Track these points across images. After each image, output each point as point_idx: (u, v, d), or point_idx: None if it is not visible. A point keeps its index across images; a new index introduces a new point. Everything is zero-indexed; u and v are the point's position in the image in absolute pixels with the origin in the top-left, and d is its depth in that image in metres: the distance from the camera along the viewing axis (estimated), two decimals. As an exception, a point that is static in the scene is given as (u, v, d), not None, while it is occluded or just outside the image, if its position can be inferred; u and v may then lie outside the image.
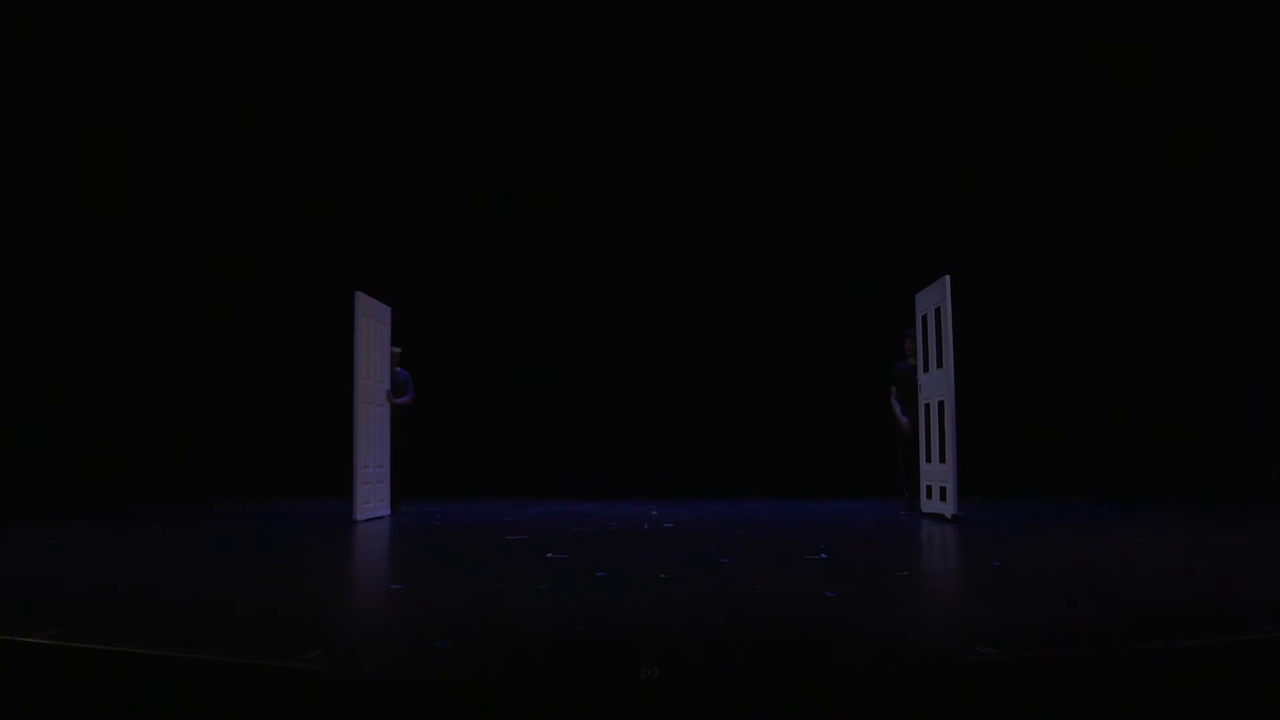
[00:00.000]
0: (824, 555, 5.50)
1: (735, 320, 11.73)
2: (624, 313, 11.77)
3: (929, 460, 8.49)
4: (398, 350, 9.12)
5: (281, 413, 11.51)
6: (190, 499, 10.28)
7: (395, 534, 7.23)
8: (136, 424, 11.39)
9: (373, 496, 8.51)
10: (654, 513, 8.86)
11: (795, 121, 11.61)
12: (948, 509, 7.88)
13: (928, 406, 8.46)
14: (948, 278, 7.98)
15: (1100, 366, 11.58)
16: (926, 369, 8.47)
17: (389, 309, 8.92)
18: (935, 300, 8.18)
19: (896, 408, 8.95)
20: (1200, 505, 9.29)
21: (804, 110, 11.61)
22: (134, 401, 11.41)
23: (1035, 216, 11.58)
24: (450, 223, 11.79)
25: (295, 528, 7.56)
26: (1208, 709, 2.81)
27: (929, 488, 8.51)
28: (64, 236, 11.26)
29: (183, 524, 7.79)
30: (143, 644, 3.03)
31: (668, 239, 11.73)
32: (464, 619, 3.71)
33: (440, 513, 8.94)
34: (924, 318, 8.54)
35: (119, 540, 6.68)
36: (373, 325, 8.53)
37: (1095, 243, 11.60)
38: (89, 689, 2.88)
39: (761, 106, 11.69)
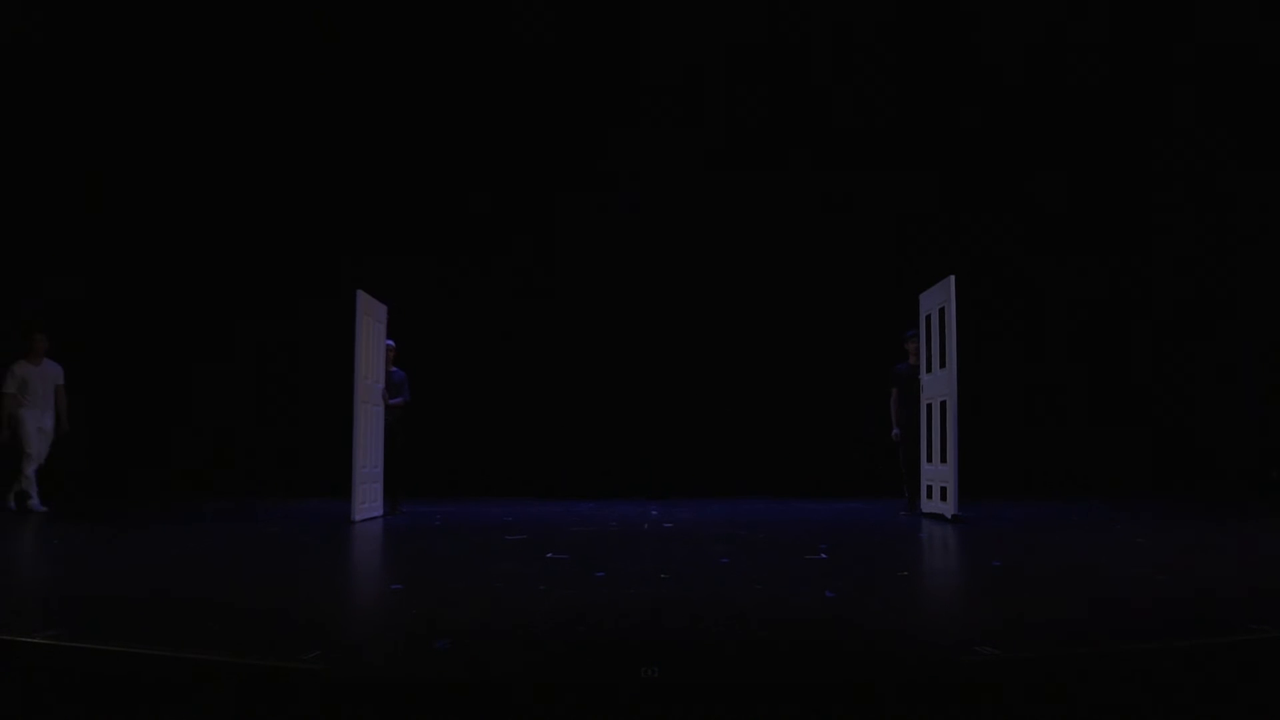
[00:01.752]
0: (824, 555, 5.50)
1: (735, 320, 11.71)
2: (625, 312, 11.75)
3: (930, 460, 8.48)
4: (392, 346, 9.07)
5: (279, 412, 11.49)
6: (188, 499, 10.28)
7: (395, 534, 7.22)
8: (136, 424, 11.38)
9: (371, 496, 8.50)
10: (654, 513, 8.85)
11: (805, 122, 11.64)
12: (948, 509, 7.88)
13: (929, 406, 8.46)
14: (952, 278, 7.97)
15: (1100, 367, 11.58)
16: (929, 369, 8.46)
17: (385, 307, 8.90)
18: (939, 300, 8.17)
19: (894, 411, 8.93)
20: (1200, 505, 9.29)
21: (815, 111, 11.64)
22: (133, 401, 11.39)
23: (1035, 216, 11.60)
24: (449, 220, 11.78)
25: (294, 528, 7.55)
26: (1208, 709, 2.81)
27: (929, 487, 8.50)
28: (63, 233, 11.25)
29: (181, 524, 7.79)
30: (143, 644, 3.03)
31: (667, 238, 11.72)
32: (464, 619, 3.71)
33: (440, 513, 8.93)
34: (928, 318, 8.54)
35: (118, 540, 6.68)
36: (372, 324, 8.51)
37: (1095, 240, 11.60)
38: (89, 689, 2.88)
39: (768, 105, 11.72)
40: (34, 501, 8.83)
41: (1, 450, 8.93)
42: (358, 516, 8.00)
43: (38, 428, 8.91)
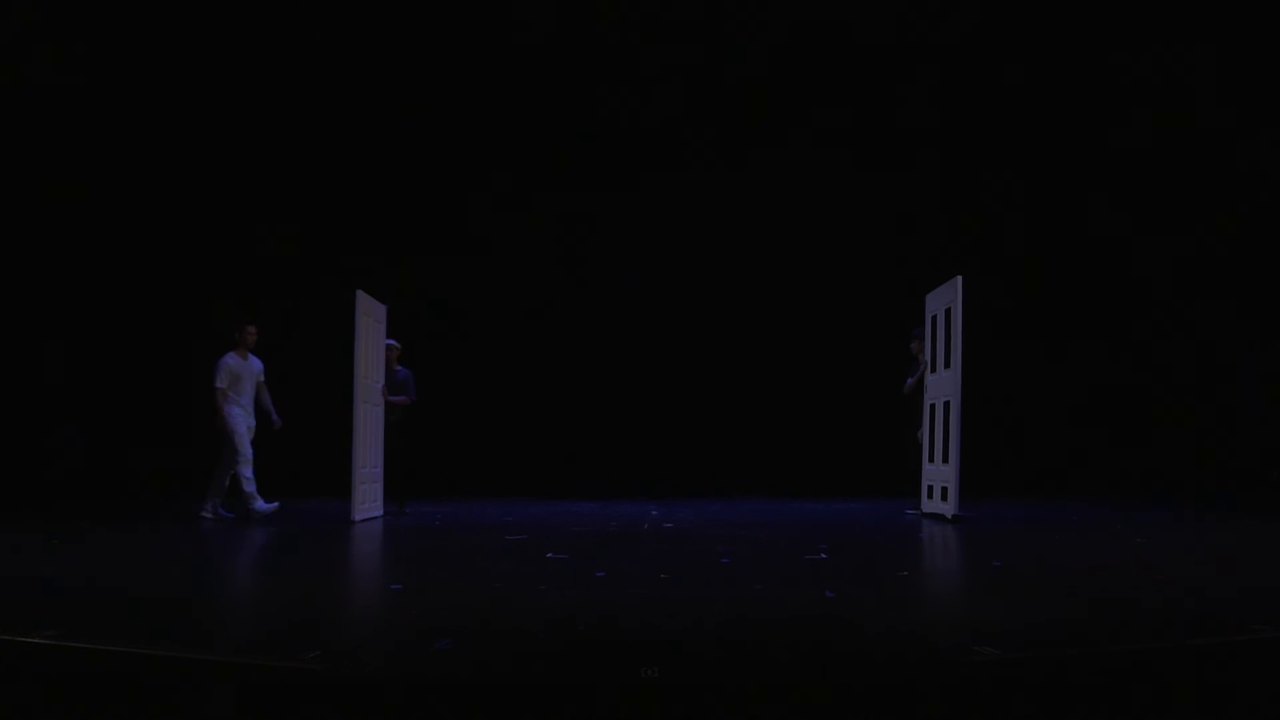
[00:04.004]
0: (824, 555, 5.50)
1: (736, 320, 11.72)
2: (625, 312, 11.76)
3: (931, 460, 8.48)
4: (398, 347, 9.08)
5: (279, 412, 11.47)
6: (188, 499, 10.27)
7: (395, 534, 7.22)
8: (135, 423, 11.37)
9: (371, 496, 8.50)
10: (654, 513, 8.85)
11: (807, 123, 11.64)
12: (948, 509, 7.88)
13: (933, 406, 8.45)
14: (959, 279, 7.95)
15: (1100, 366, 11.59)
16: (934, 369, 8.45)
17: (385, 307, 8.92)
18: (946, 301, 8.16)
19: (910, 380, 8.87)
20: (1200, 505, 9.29)
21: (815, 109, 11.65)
22: (132, 401, 11.39)
23: (1035, 219, 11.61)
24: (448, 222, 11.79)
25: (294, 528, 7.55)
26: (1207, 709, 2.81)
27: (930, 487, 8.50)
28: (66, 229, 11.24)
29: (181, 524, 7.79)
30: (143, 644, 3.03)
31: (669, 238, 11.72)
32: (464, 619, 3.71)
33: (440, 513, 8.93)
34: (934, 318, 8.53)
35: (119, 540, 6.68)
36: (371, 324, 8.52)
37: (1094, 239, 11.62)
38: (89, 689, 2.88)
39: (767, 104, 11.71)
40: (259, 503, 8.16)
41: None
42: (357, 516, 8.00)
43: (247, 426, 8.34)
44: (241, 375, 8.35)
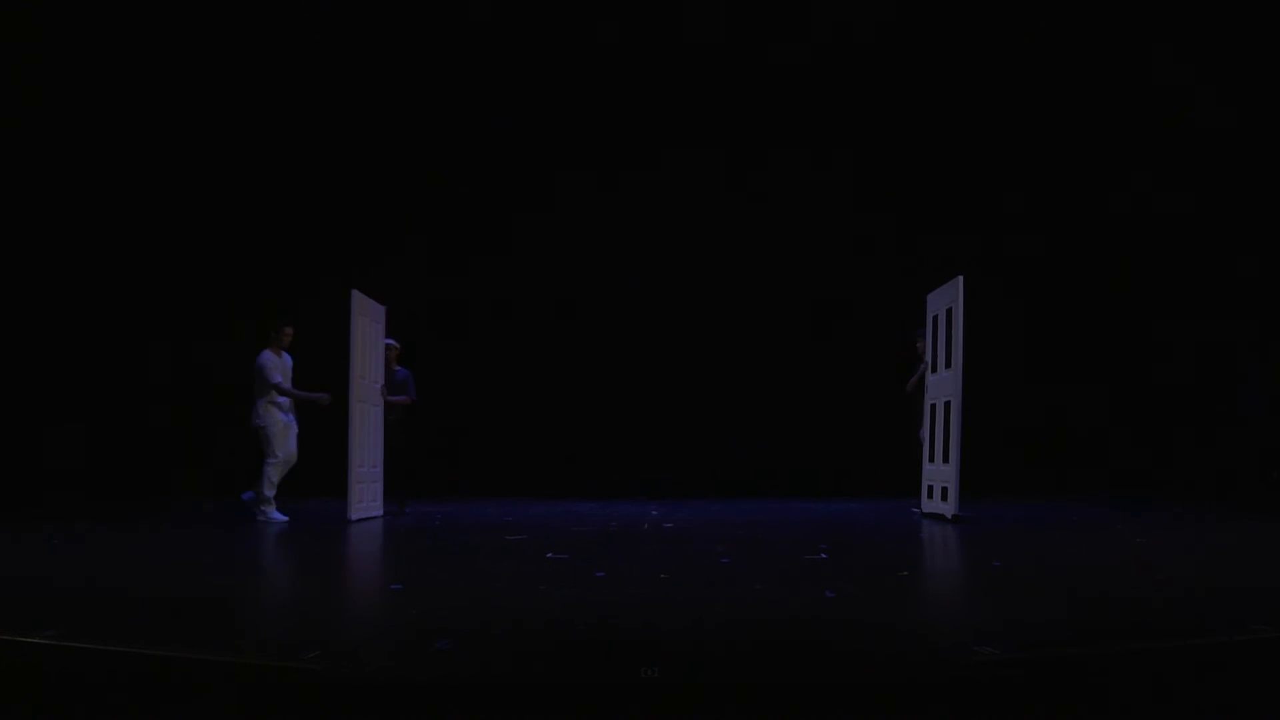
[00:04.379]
0: (824, 555, 5.50)
1: (737, 320, 11.72)
2: (625, 312, 11.76)
3: (932, 460, 8.48)
4: (397, 347, 9.08)
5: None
6: (187, 499, 10.28)
7: (394, 534, 7.22)
8: (134, 423, 11.37)
9: (369, 496, 8.50)
10: (654, 513, 8.85)
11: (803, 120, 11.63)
12: (948, 509, 7.88)
13: (934, 406, 8.45)
14: (960, 279, 7.95)
15: (1101, 367, 11.59)
16: (935, 370, 8.45)
17: (383, 308, 8.92)
18: (947, 301, 8.15)
19: (914, 378, 8.85)
20: (1200, 505, 9.29)
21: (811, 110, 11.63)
22: (131, 401, 11.39)
23: (1041, 218, 11.60)
24: (448, 222, 11.79)
25: (292, 528, 7.55)
26: (1206, 709, 2.81)
27: (930, 487, 8.50)
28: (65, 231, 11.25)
29: (180, 524, 7.79)
30: (143, 644, 3.03)
31: (668, 236, 11.72)
32: (464, 619, 3.71)
33: (440, 513, 8.93)
34: (934, 318, 8.53)
35: (118, 540, 6.68)
36: (368, 324, 8.52)
37: (1095, 238, 11.62)
38: (89, 689, 2.88)
39: (767, 103, 11.71)
40: (272, 510, 7.96)
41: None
42: (354, 516, 8.01)
43: (285, 424, 8.17)
44: (284, 373, 8.29)
